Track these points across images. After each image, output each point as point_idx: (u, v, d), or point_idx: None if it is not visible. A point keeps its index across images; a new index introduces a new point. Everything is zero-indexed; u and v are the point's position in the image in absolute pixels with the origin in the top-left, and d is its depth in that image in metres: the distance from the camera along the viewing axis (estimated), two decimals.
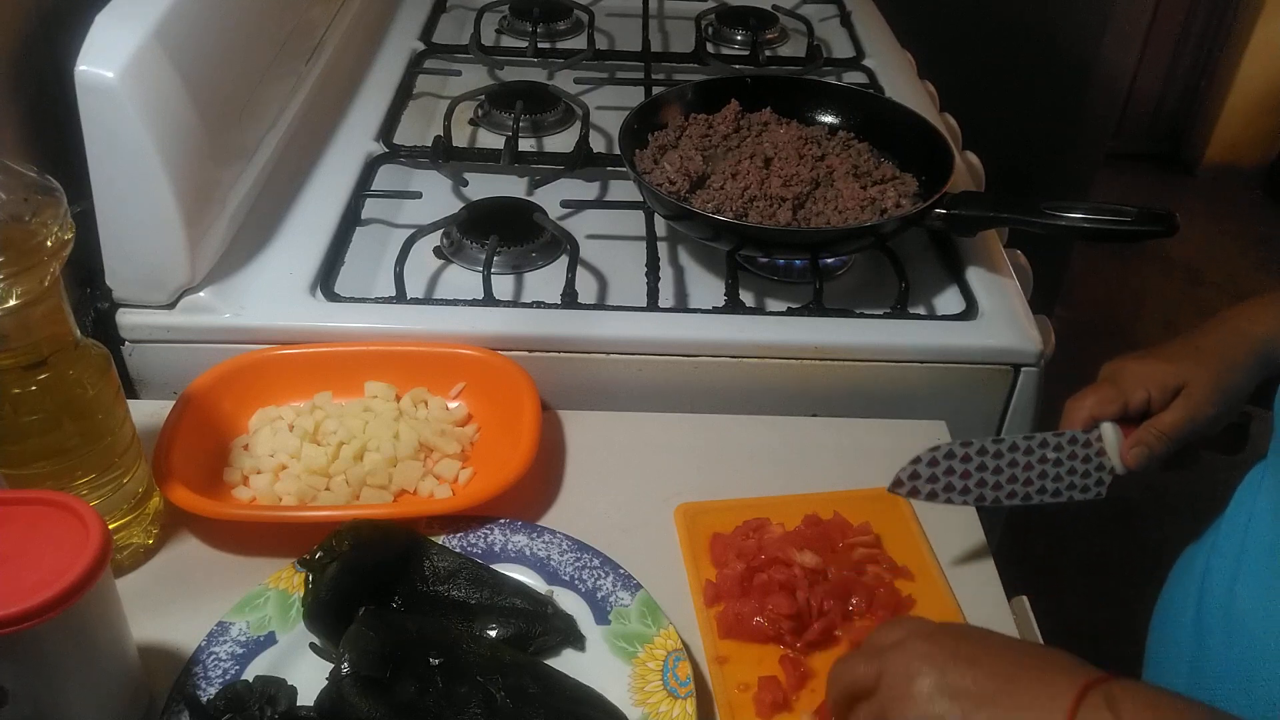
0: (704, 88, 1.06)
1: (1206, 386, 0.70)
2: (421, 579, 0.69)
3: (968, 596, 0.72)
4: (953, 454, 0.70)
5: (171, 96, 0.79)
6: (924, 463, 0.69)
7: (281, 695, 0.61)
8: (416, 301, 0.89)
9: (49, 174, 0.61)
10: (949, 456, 0.69)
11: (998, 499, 0.71)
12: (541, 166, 1.08)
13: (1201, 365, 0.71)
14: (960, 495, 0.70)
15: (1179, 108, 3.24)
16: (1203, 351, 0.72)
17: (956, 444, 0.70)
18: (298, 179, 1.02)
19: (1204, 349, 0.72)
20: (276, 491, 0.77)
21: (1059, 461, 0.71)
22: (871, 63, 1.31)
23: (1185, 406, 0.71)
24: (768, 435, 0.85)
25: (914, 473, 0.69)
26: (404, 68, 1.25)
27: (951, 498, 0.70)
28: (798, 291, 0.92)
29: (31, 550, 0.55)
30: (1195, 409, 0.70)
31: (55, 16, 0.88)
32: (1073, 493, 0.72)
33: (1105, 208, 0.86)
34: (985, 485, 0.70)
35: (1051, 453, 0.71)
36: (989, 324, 0.88)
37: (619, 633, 0.67)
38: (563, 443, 0.83)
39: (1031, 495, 0.72)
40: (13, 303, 0.59)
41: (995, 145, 1.21)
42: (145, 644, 0.65)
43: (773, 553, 0.70)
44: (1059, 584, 1.86)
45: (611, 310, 0.89)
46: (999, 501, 0.71)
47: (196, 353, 0.85)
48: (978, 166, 1.14)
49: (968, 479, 0.70)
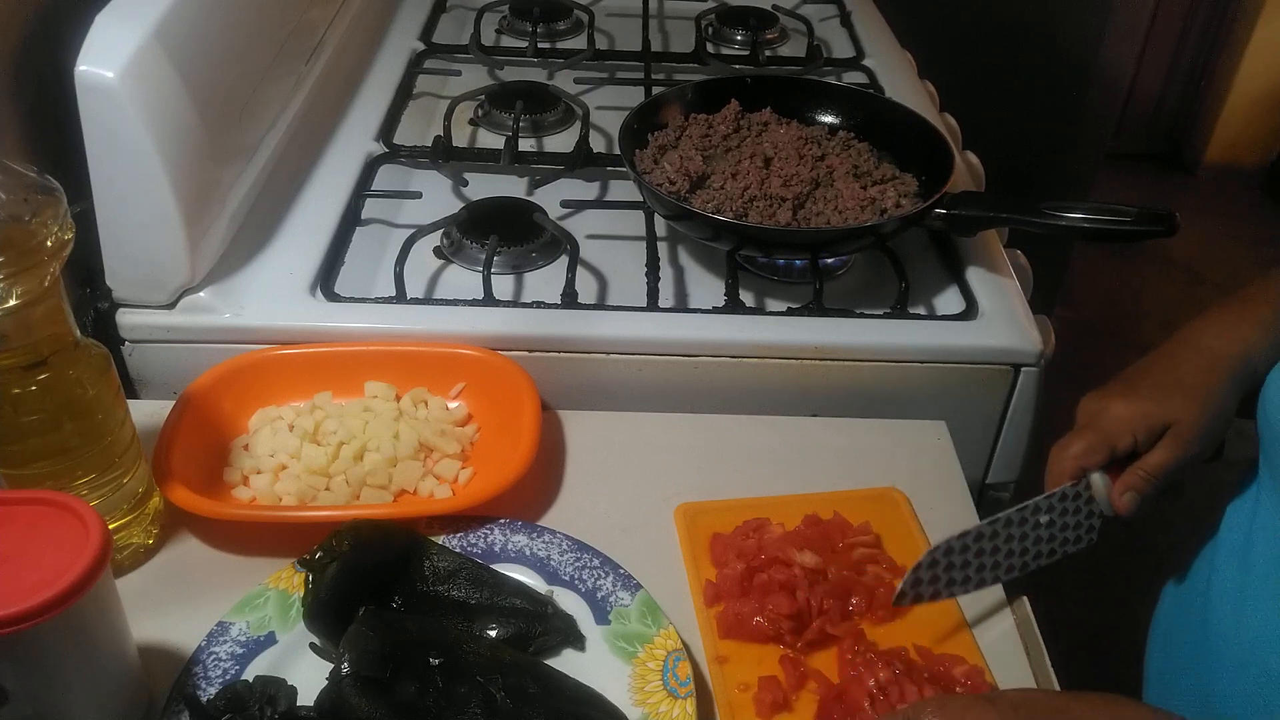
0: (704, 88, 1.06)
1: (1194, 425, 0.68)
2: (421, 579, 0.69)
3: (968, 597, 0.72)
4: (950, 549, 0.68)
5: (171, 96, 0.79)
6: (924, 567, 0.68)
7: (281, 695, 0.61)
8: (416, 301, 0.89)
9: (49, 174, 0.61)
10: (947, 553, 0.68)
11: (997, 576, 0.70)
12: (541, 166, 1.08)
13: (1186, 402, 0.68)
14: (961, 586, 0.69)
15: (1179, 108, 3.24)
16: (1185, 386, 0.69)
17: (954, 538, 0.68)
18: (298, 179, 1.02)
19: (1185, 383, 0.69)
20: (276, 491, 0.77)
21: (1051, 523, 0.70)
22: (871, 63, 1.31)
23: (1173, 447, 0.68)
24: (768, 435, 0.85)
25: (915, 579, 0.68)
26: (404, 68, 1.25)
27: (954, 590, 0.69)
28: (798, 291, 0.92)
29: (31, 550, 0.55)
30: (1184, 448, 0.68)
31: (55, 16, 0.88)
32: (1066, 547, 0.71)
33: (1105, 208, 0.86)
34: (984, 568, 0.69)
35: (1044, 516, 0.70)
36: (989, 324, 0.88)
37: (619, 633, 0.67)
38: (563, 443, 0.83)
39: (1029, 563, 0.70)
40: (13, 303, 0.59)
41: (995, 145, 1.21)
42: (145, 644, 0.65)
43: (773, 553, 0.70)
44: (1059, 584, 1.85)
45: (611, 310, 0.89)
46: (999, 579, 0.70)
47: (196, 353, 0.85)
48: (978, 166, 1.14)
49: (967, 568, 0.69)
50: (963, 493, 0.81)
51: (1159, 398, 0.69)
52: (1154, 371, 0.71)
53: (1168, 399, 0.68)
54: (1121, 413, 0.69)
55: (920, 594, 0.68)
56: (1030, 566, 0.71)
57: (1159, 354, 0.72)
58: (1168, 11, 2.93)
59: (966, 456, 0.84)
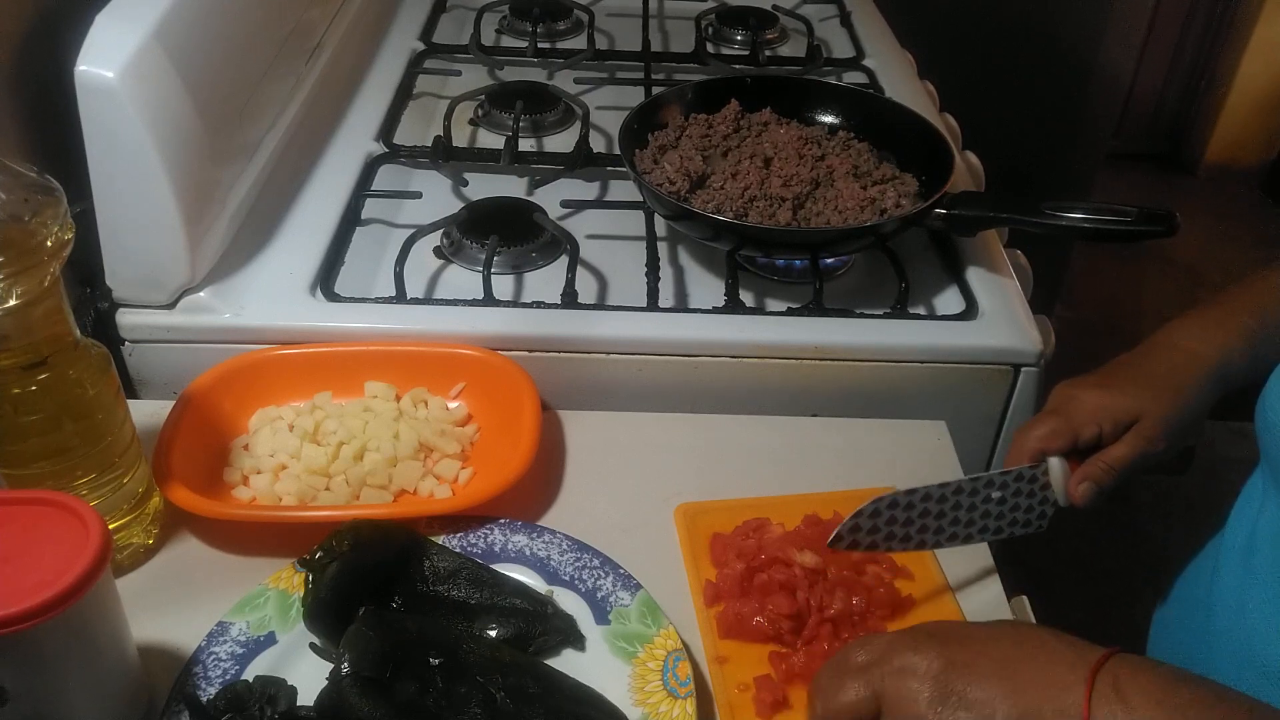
0: (704, 88, 1.06)
1: (1160, 421, 0.68)
2: (421, 579, 0.69)
3: (968, 596, 0.72)
4: (896, 503, 0.67)
5: (171, 96, 0.79)
6: (865, 515, 0.67)
7: (281, 695, 0.61)
8: (416, 301, 0.89)
9: (49, 174, 0.61)
10: (892, 506, 0.67)
11: (938, 541, 0.70)
12: (541, 166, 1.08)
13: (1156, 398, 0.68)
14: (900, 543, 0.68)
15: (1179, 108, 3.24)
16: (1156, 382, 0.69)
17: (901, 493, 0.67)
18: (298, 179, 1.02)
19: (1157, 379, 0.69)
20: (276, 491, 0.77)
21: (1003, 500, 0.70)
22: (871, 63, 1.31)
23: (1137, 441, 0.68)
24: (768, 435, 0.85)
25: (855, 525, 0.67)
26: (404, 68, 1.25)
27: (892, 545, 0.68)
28: (798, 291, 0.92)
29: (31, 550, 0.55)
30: (1148, 444, 0.68)
31: (55, 16, 0.88)
32: (1014, 528, 0.71)
33: (1105, 208, 0.86)
34: (927, 530, 0.69)
35: (996, 492, 0.69)
36: (989, 324, 0.88)
37: (619, 633, 0.67)
38: (563, 443, 0.83)
39: (973, 535, 0.70)
40: (13, 303, 0.59)
41: (995, 145, 1.21)
42: (145, 644, 0.65)
43: (773, 553, 0.70)
44: (1059, 584, 1.86)
45: (611, 310, 0.89)
46: (939, 544, 0.70)
47: (196, 353, 0.85)
48: (978, 166, 1.14)
49: (909, 526, 0.68)
50: None
51: (1129, 391, 0.69)
52: (1129, 366, 0.71)
53: (1138, 393, 0.69)
54: (1090, 402, 0.69)
55: (857, 540, 0.67)
56: (974, 539, 0.71)
57: (1137, 350, 0.73)
58: (1168, 11, 2.93)
59: (966, 456, 0.84)
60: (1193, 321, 0.73)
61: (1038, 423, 0.70)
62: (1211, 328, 0.71)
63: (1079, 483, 0.69)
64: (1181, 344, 0.71)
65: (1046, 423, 0.70)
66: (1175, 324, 0.73)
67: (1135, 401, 0.68)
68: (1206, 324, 0.72)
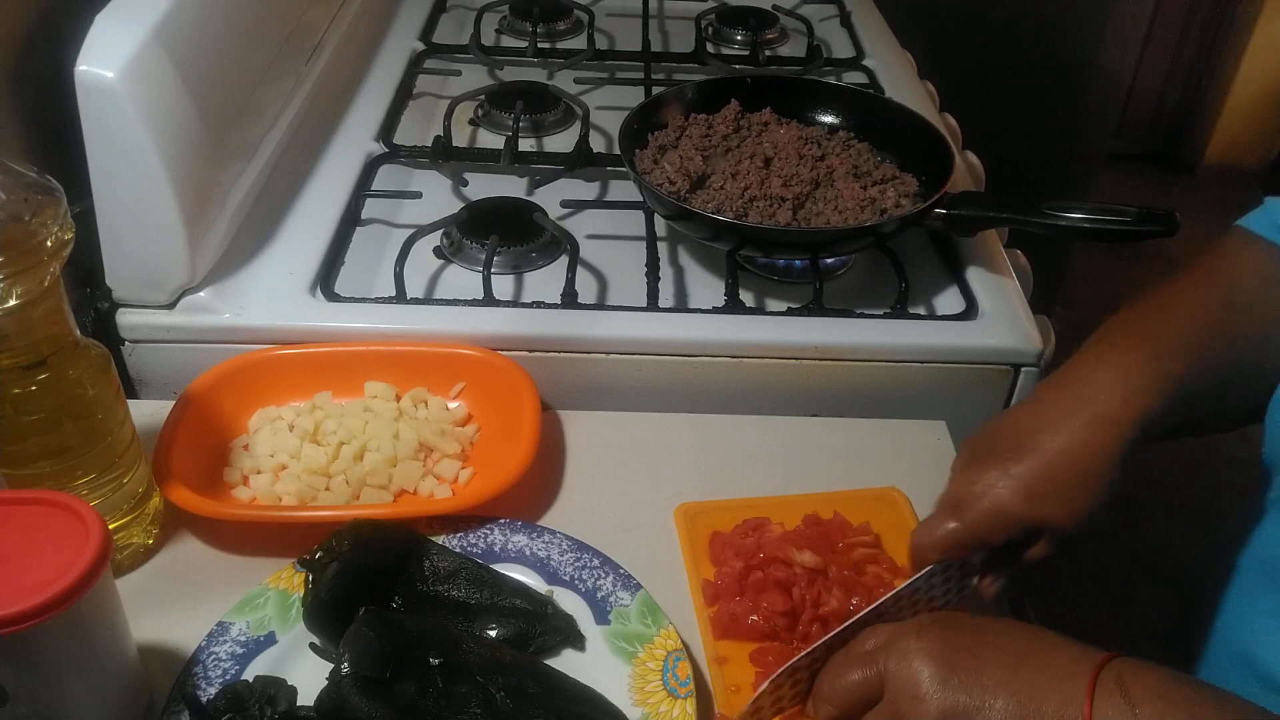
0: (704, 88, 1.06)
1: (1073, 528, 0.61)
2: (421, 579, 0.69)
3: (967, 596, 0.72)
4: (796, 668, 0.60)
5: (171, 96, 0.79)
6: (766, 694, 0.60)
7: (281, 695, 0.61)
8: (416, 301, 0.89)
9: (49, 174, 0.61)
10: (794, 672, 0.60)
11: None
12: (541, 166, 1.08)
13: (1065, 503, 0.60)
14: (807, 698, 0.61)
15: (1179, 108, 3.24)
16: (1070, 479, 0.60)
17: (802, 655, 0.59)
18: (298, 179, 1.02)
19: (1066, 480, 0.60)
20: (276, 491, 0.77)
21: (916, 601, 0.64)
22: (871, 63, 1.31)
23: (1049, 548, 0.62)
24: (768, 435, 0.85)
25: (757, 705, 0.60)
26: (404, 68, 1.25)
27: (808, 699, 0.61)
28: (798, 291, 0.92)
29: (31, 550, 0.55)
30: (1060, 549, 0.62)
31: (55, 16, 0.88)
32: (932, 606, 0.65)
33: (1105, 208, 0.86)
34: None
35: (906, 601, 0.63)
36: (989, 324, 0.88)
37: (619, 633, 0.67)
38: (563, 443, 0.83)
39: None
40: (13, 303, 0.59)
41: (995, 145, 1.21)
42: (145, 644, 0.65)
43: (772, 552, 0.70)
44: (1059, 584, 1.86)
45: (611, 310, 0.89)
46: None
47: (196, 353, 0.85)
48: (978, 166, 1.14)
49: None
50: None
51: (1037, 500, 0.61)
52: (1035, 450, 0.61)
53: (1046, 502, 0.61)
54: (993, 509, 0.61)
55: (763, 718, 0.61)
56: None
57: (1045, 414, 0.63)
58: (1168, 11, 2.93)
59: None
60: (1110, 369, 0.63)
61: (938, 524, 0.63)
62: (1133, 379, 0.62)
63: (991, 583, 0.65)
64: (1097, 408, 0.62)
65: (947, 526, 0.62)
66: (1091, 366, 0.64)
67: (1042, 511, 0.60)
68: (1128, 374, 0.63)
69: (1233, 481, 2.14)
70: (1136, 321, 0.67)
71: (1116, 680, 0.50)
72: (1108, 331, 0.67)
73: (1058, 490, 0.60)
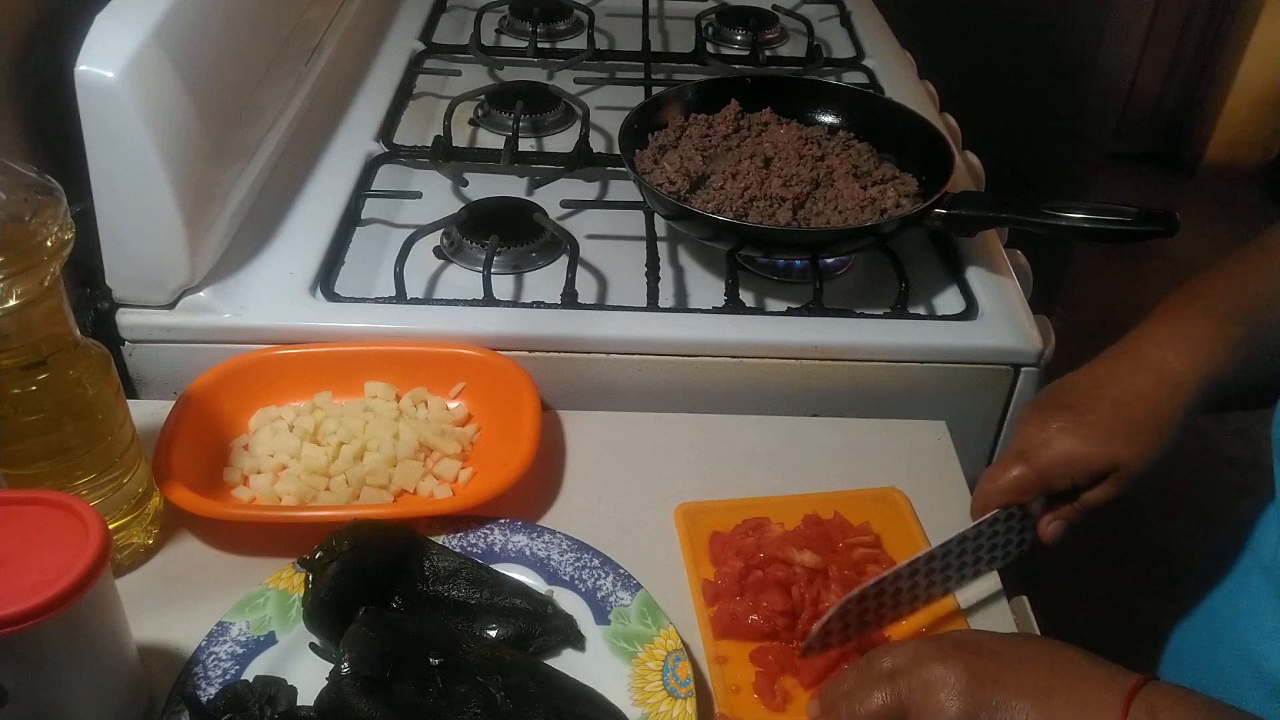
0: (704, 88, 1.06)
1: (1140, 469, 0.63)
2: (421, 579, 0.69)
3: (968, 596, 0.72)
4: (865, 595, 0.63)
5: (171, 96, 0.79)
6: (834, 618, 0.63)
7: (281, 695, 0.61)
8: (416, 301, 0.89)
9: (49, 174, 0.61)
10: (861, 599, 0.63)
11: (914, 606, 0.68)
12: (541, 166, 1.08)
13: (1133, 445, 0.62)
14: (875, 626, 0.66)
15: (1179, 108, 3.24)
16: (1135, 424, 0.63)
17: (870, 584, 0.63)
18: (298, 179, 1.02)
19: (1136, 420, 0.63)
20: (276, 491, 0.77)
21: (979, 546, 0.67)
22: (871, 63, 1.31)
23: (1114, 489, 0.64)
24: (768, 435, 0.85)
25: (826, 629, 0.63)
26: (404, 68, 1.25)
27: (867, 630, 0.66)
28: (798, 291, 0.92)
29: (31, 550, 0.55)
30: (1125, 489, 0.63)
31: (55, 16, 0.88)
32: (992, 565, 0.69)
33: (1105, 208, 0.86)
34: (901, 604, 0.67)
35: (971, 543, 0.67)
36: (989, 324, 0.88)
37: (619, 633, 0.67)
38: (563, 443, 0.83)
39: (950, 588, 0.69)
40: (13, 303, 0.59)
41: (995, 145, 1.21)
42: (145, 644, 0.65)
43: (772, 552, 0.70)
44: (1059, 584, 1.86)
45: (611, 310, 0.89)
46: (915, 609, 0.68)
47: (196, 353, 0.85)
48: (978, 166, 1.14)
49: (882, 609, 0.66)
50: (963, 493, 0.81)
51: (1106, 440, 0.63)
52: (1105, 399, 0.64)
53: (1114, 441, 0.63)
54: (1063, 452, 0.63)
55: (829, 643, 0.64)
56: (953, 589, 0.69)
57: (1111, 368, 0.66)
58: (1168, 11, 2.93)
59: (966, 456, 0.84)
60: (1172, 328, 0.66)
61: (1005, 471, 0.65)
62: (1195, 338, 0.65)
63: (1050, 522, 0.66)
64: (1161, 362, 0.64)
65: (1015, 474, 0.65)
66: (1153, 327, 0.67)
67: (1111, 451, 0.63)
68: (1189, 333, 0.65)
69: (1233, 481, 2.14)
70: (1199, 290, 0.70)
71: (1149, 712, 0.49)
72: (1170, 302, 0.69)
73: (1129, 434, 0.63)
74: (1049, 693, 0.51)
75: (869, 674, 0.56)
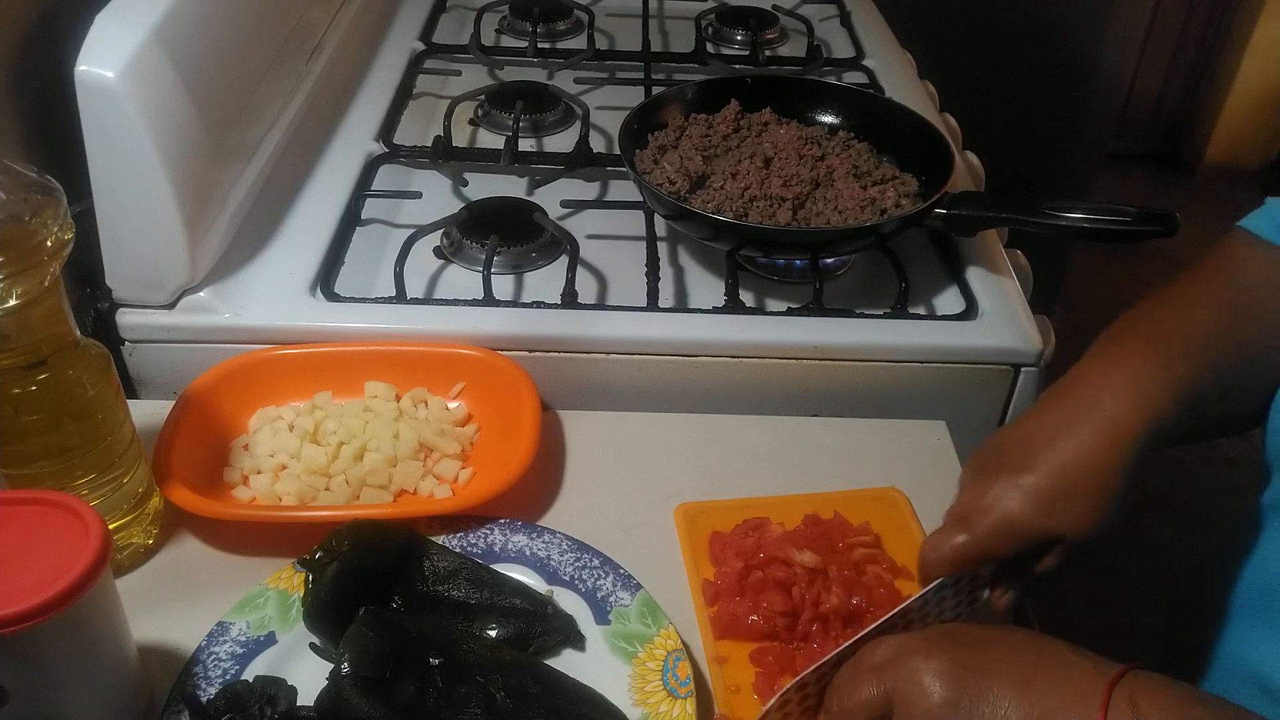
0: (704, 88, 1.06)
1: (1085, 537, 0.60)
2: (421, 579, 0.69)
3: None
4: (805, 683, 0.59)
5: (171, 96, 0.79)
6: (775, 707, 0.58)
7: (281, 695, 0.61)
8: (416, 301, 0.89)
9: (49, 174, 0.61)
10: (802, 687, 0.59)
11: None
12: (541, 166, 1.08)
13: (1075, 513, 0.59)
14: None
15: (1179, 108, 3.24)
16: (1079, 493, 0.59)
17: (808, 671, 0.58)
18: (298, 179, 1.02)
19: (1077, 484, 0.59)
20: (276, 491, 0.77)
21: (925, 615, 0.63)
22: (871, 63, 1.31)
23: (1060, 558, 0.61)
24: (768, 435, 0.85)
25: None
26: (404, 68, 1.25)
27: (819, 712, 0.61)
28: (798, 291, 0.92)
29: (31, 550, 0.55)
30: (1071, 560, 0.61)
31: (55, 16, 0.88)
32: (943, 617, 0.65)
33: (1105, 208, 0.86)
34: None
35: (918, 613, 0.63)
36: (989, 324, 0.88)
37: (619, 633, 0.67)
38: (563, 443, 0.83)
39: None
40: (13, 303, 0.59)
41: (995, 145, 1.21)
42: (145, 644, 0.65)
43: (772, 552, 0.70)
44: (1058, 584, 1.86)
45: (611, 310, 0.89)
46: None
47: (196, 353, 0.85)
48: (978, 166, 1.14)
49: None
50: None
51: (1045, 509, 0.59)
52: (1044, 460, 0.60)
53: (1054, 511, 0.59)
54: (1002, 520, 0.60)
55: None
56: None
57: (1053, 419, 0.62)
58: (1168, 11, 2.93)
59: (966, 456, 0.84)
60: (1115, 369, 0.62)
61: (945, 539, 0.62)
62: (1138, 380, 0.61)
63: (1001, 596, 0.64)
64: (1103, 411, 0.60)
65: (955, 540, 0.61)
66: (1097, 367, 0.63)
67: (1051, 523, 0.59)
68: (1132, 377, 0.61)
69: (1233, 482, 2.14)
70: (1142, 325, 0.66)
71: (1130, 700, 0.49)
72: (1113, 336, 0.66)
73: (1069, 501, 0.59)
74: (1032, 681, 0.52)
75: (859, 668, 0.56)
